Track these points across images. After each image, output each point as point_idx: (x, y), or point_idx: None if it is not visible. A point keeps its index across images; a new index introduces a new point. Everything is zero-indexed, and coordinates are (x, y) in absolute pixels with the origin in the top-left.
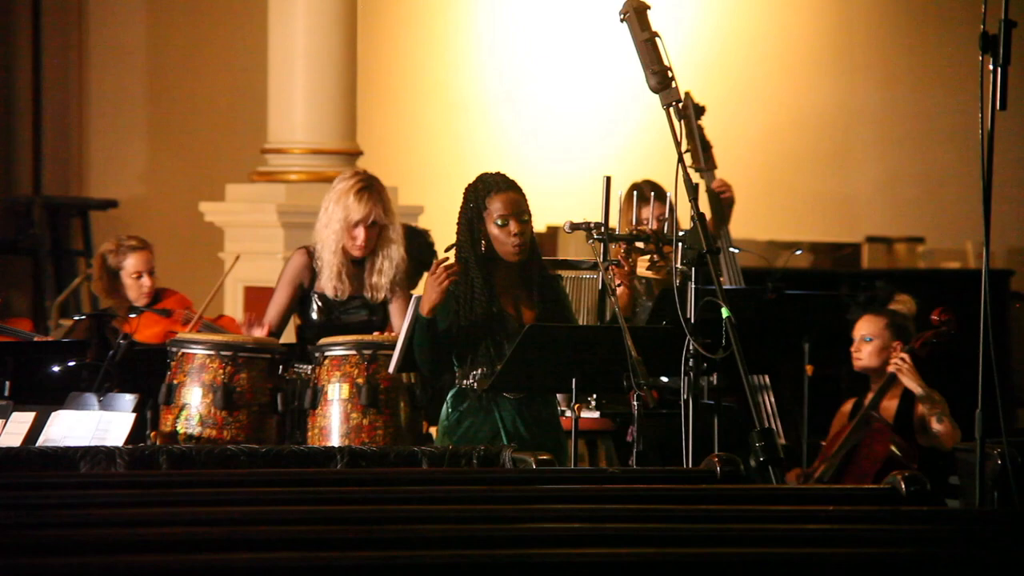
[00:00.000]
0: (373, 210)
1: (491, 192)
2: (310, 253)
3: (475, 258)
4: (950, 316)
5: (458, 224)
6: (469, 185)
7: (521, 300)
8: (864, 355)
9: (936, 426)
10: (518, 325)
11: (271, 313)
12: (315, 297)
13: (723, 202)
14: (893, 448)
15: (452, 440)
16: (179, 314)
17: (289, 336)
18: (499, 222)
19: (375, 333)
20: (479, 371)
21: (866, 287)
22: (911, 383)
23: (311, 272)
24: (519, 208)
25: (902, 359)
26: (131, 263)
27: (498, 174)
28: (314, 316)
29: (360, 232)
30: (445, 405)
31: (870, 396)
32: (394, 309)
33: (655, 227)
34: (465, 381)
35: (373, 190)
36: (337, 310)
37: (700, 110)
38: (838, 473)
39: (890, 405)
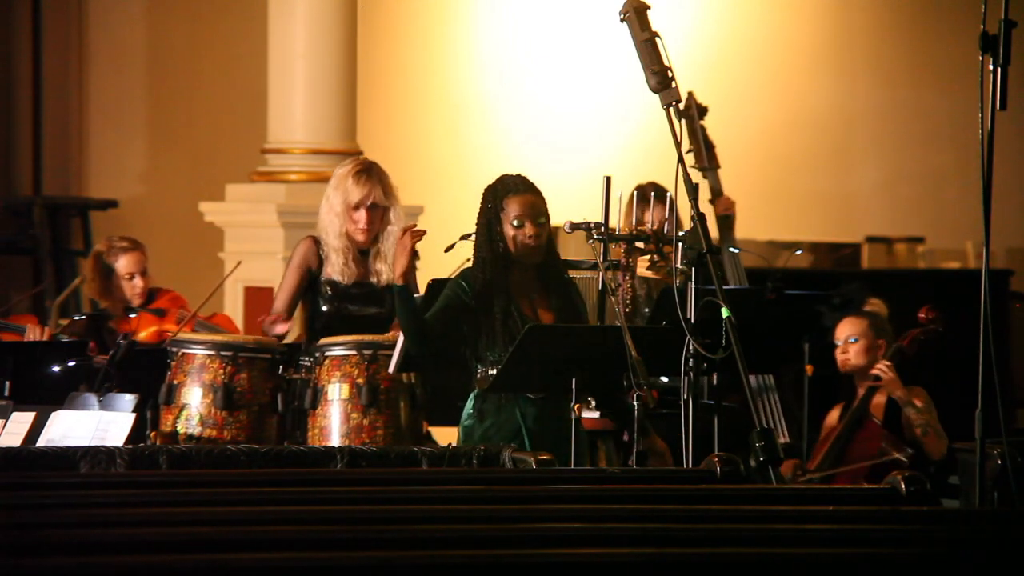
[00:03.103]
0: (372, 191)
1: (509, 193)
2: (316, 241)
3: (491, 258)
4: (936, 314)
5: (477, 224)
6: (489, 186)
7: (538, 302)
8: (852, 355)
9: (922, 438)
10: None
11: (280, 298)
12: (324, 285)
13: (729, 220)
14: (883, 444)
15: (474, 440)
16: (173, 313)
17: (293, 334)
18: (515, 223)
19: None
20: (495, 371)
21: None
22: (894, 391)
23: (318, 259)
24: (536, 210)
25: (886, 366)
26: (123, 264)
27: (518, 176)
28: (324, 307)
29: (361, 215)
30: (466, 406)
31: (859, 396)
32: None
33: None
34: (484, 382)
35: (371, 172)
36: (346, 299)
37: (703, 110)
38: (831, 475)
39: (879, 402)
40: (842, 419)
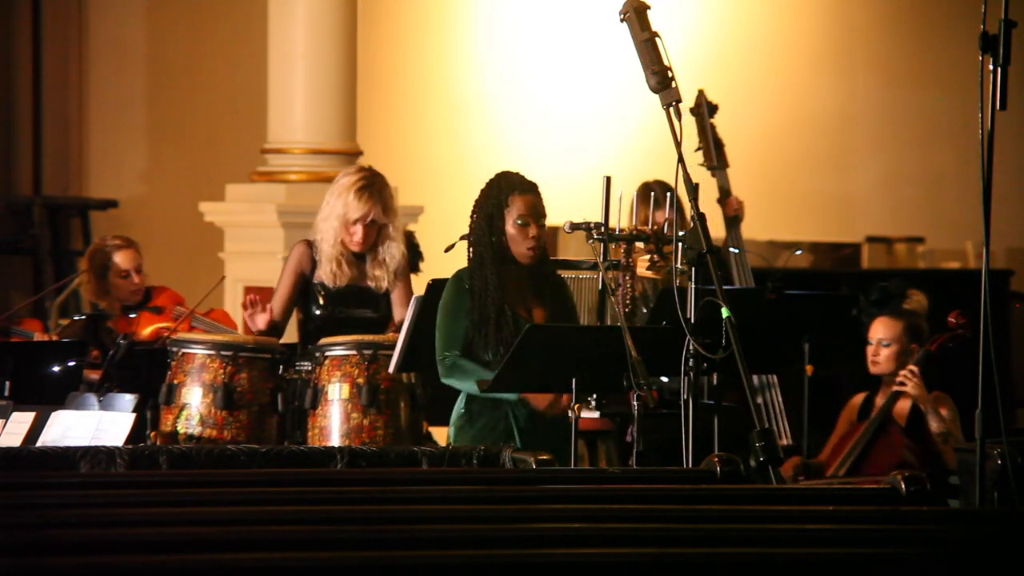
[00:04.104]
0: (372, 210)
1: (515, 191)
2: (310, 244)
3: (491, 254)
4: (967, 319)
5: (475, 218)
6: (491, 180)
7: (531, 302)
8: (882, 359)
9: (943, 446)
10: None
11: (276, 302)
12: (317, 288)
13: (737, 220)
14: (906, 453)
15: (466, 439)
16: (170, 310)
17: (291, 335)
18: (519, 221)
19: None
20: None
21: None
22: (918, 399)
23: (312, 262)
24: (539, 211)
25: (911, 372)
26: (119, 262)
27: (519, 174)
28: (316, 311)
29: (358, 229)
30: (457, 404)
31: (881, 396)
32: (395, 298)
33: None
34: None
35: (374, 188)
36: (340, 303)
37: (713, 108)
38: (850, 475)
39: (903, 406)
40: (861, 416)
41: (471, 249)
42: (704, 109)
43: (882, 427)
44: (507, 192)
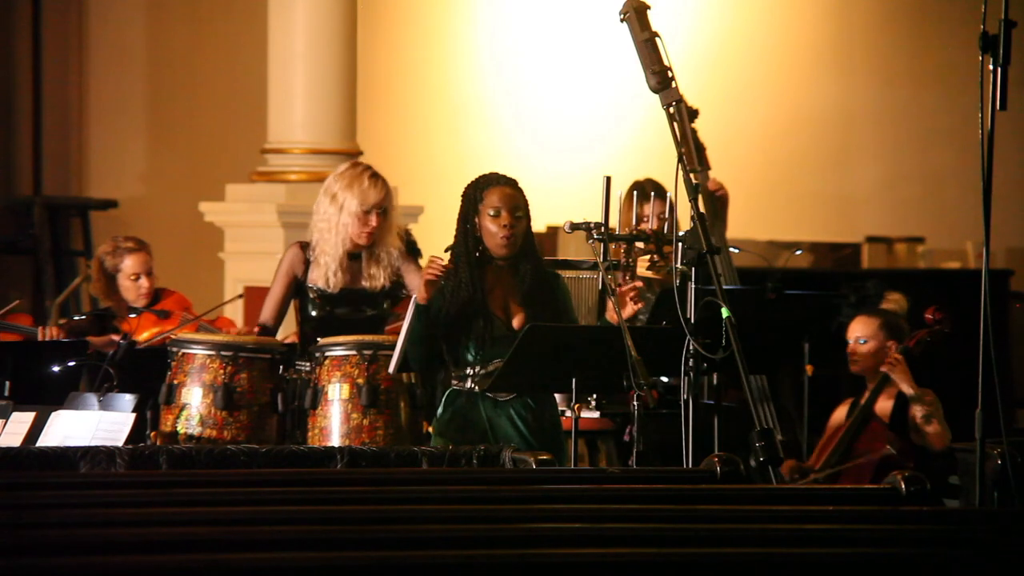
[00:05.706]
0: (387, 195)
1: (489, 186)
2: (303, 246)
3: (466, 255)
4: (944, 315)
5: (456, 221)
6: (469, 183)
7: (511, 302)
8: (860, 356)
9: (925, 427)
10: (505, 327)
11: (268, 306)
12: (310, 290)
13: (718, 201)
14: (889, 447)
15: (443, 440)
16: (177, 315)
17: (289, 334)
18: (491, 212)
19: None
20: (471, 371)
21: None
22: (903, 384)
23: (304, 264)
24: (513, 203)
25: (896, 359)
26: (128, 265)
27: (499, 173)
28: (312, 312)
29: (373, 218)
30: (439, 408)
31: (866, 396)
32: (411, 282)
33: (656, 225)
34: (455, 382)
35: (379, 176)
36: (334, 304)
37: (693, 113)
38: (835, 472)
39: (886, 405)
40: (848, 417)
41: (452, 252)
42: (684, 114)
43: (865, 421)
44: (482, 188)
